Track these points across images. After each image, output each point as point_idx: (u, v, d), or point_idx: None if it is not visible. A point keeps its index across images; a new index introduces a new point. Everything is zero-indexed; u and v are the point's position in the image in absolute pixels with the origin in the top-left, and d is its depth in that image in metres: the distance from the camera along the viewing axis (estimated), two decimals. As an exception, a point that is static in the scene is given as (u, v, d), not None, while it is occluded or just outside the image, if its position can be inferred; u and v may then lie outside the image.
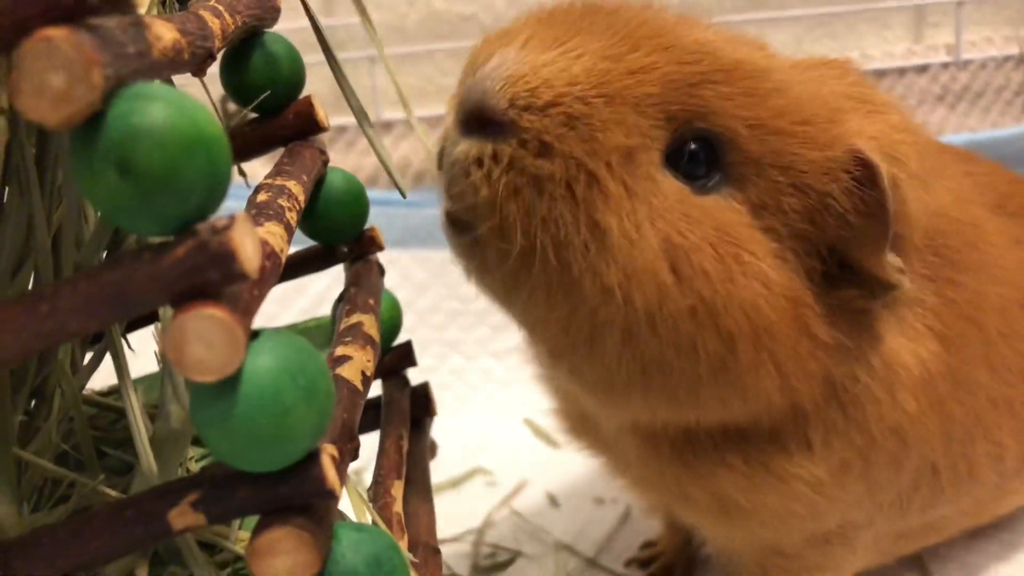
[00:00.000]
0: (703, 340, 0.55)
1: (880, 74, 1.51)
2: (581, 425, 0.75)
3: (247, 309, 0.37)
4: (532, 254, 0.53)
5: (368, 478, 0.63)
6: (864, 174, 0.56)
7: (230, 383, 0.37)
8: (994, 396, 0.71)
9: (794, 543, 0.70)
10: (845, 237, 0.57)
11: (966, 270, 0.67)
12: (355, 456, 0.48)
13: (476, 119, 0.53)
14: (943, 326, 0.65)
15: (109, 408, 0.68)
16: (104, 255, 0.58)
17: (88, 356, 0.62)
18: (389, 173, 0.58)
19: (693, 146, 0.55)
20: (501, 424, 1.15)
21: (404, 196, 0.62)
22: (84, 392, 0.67)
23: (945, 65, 1.51)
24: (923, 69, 1.51)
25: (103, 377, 0.70)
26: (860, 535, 0.72)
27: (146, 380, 0.77)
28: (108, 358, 0.59)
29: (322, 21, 0.68)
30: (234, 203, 0.42)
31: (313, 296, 1.30)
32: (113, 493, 0.52)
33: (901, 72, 1.50)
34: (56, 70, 0.32)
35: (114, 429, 0.68)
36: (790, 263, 0.57)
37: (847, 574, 0.77)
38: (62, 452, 0.59)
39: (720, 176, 0.56)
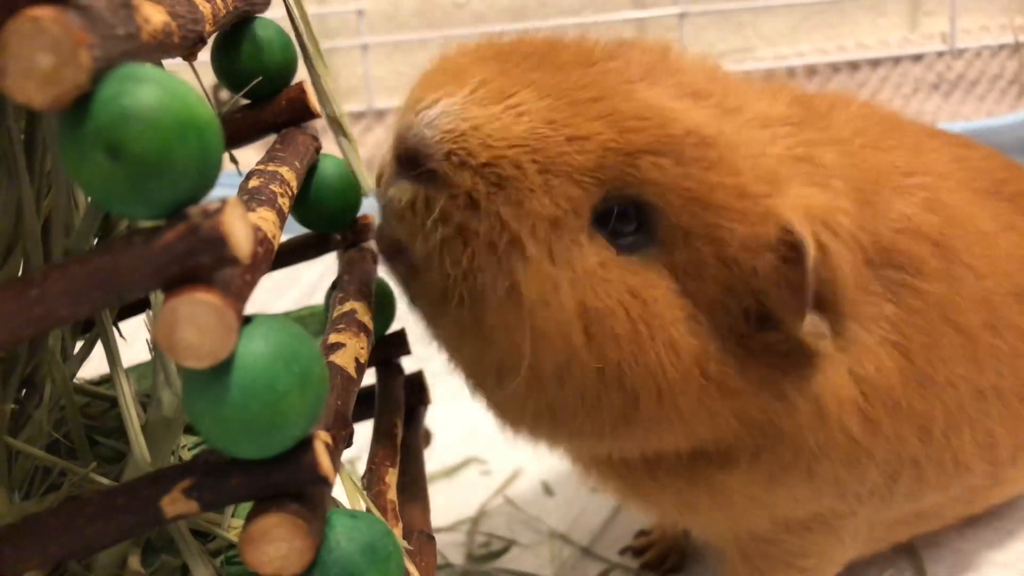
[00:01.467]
0: (608, 396, 0.57)
1: (875, 63, 1.50)
2: None
3: (239, 294, 0.37)
4: (451, 299, 0.55)
5: (362, 467, 0.63)
6: (789, 252, 0.57)
7: (222, 369, 0.36)
8: (981, 387, 0.71)
9: (770, 529, 0.72)
10: (764, 304, 0.59)
11: (931, 276, 0.68)
12: (349, 443, 0.48)
13: (411, 162, 0.55)
14: (902, 336, 0.66)
15: (100, 397, 0.67)
16: (95, 242, 0.57)
17: (79, 345, 0.62)
18: (353, 170, 0.58)
19: (622, 207, 0.57)
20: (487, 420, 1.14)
21: (365, 195, 0.62)
22: (75, 381, 0.66)
23: (940, 54, 1.51)
24: (918, 58, 1.51)
25: (94, 366, 0.70)
26: (845, 524, 0.73)
27: (138, 369, 0.76)
28: (99, 347, 0.59)
29: (313, 10, 0.68)
30: (225, 192, 0.42)
31: (306, 285, 1.30)
32: (105, 481, 0.51)
33: (896, 60, 1.50)
34: (43, 50, 0.32)
35: (105, 418, 0.68)
36: (704, 325, 0.58)
37: (840, 561, 0.77)
38: (53, 441, 0.59)
39: (646, 238, 0.57)
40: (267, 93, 0.65)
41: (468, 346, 0.58)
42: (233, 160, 0.69)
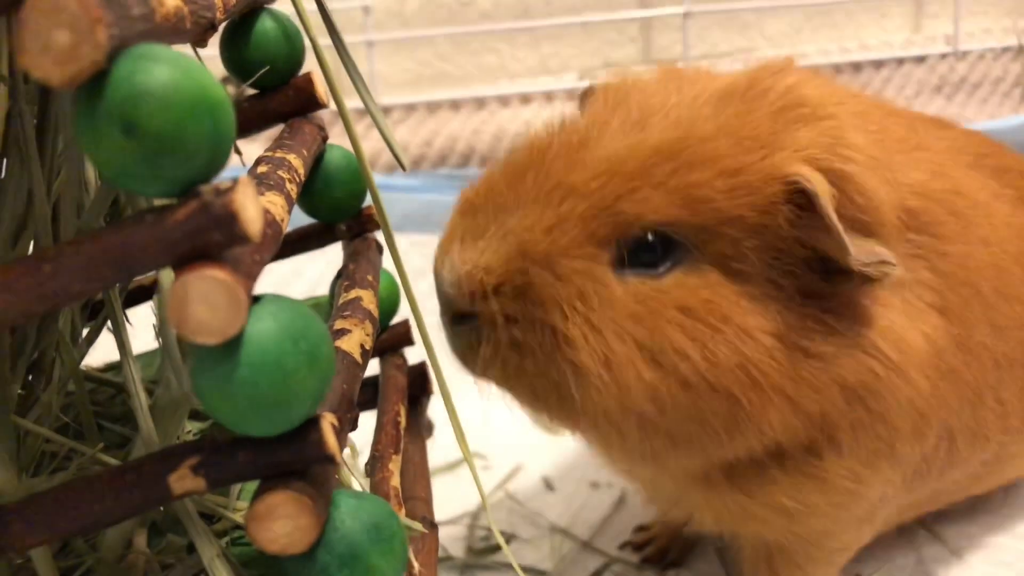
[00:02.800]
0: (706, 405, 0.59)
1: (878, 64, 1.51)
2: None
3: (249, 272, 0.37)
4: (543, 400, 0.61)
5: (365, 457, 0.63)
6: (806, 199, 0.58)
7: (232, 346, 0.37)
8: (997, 356, 0.72)
9: (839, 527, 0.73)
10: (815, 246, 0.60)
11: (952, 239, 0.69)
12: (354, 426, 0.49)
13: (455, 317, 0.61)
14: (941, 299, 0.67)
15: (107, 383, 0.68)
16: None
17: (85, 331, 0.62)
18: (391, 147, 0.59)
19: (638, 241, 0.59)
20: (497, 408, 1.15)
21: (405, 169, 0.63)
22: (82, 368, 0.67)
23: (943, 55, 1.51)
24: (921, 59, 1.51)
25: (100, 355, 0.70)
26: (883, 509, 0.74)
27: (144, 357, 0.77)
28: (105, 336, 0.59)
29: (318, 5, 0.68)
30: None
31: (311, 279, 1.30)
32: (112, 461, 0.52)
33: (899, 62, 1.50)
34: (61, 27, 0.32)
35: (112, 404, 0.68)
36: (771, 300, 0.60)
37: (858, 548, 0.78)
38: (61, 425, 0.60)
39: (677, 251, 0.60)
40: (275, 83, 0.66)
41: (578, 428, 0.63)
42: (237, 151, 0.69)
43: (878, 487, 0.69)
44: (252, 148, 1.10)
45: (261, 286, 0.40)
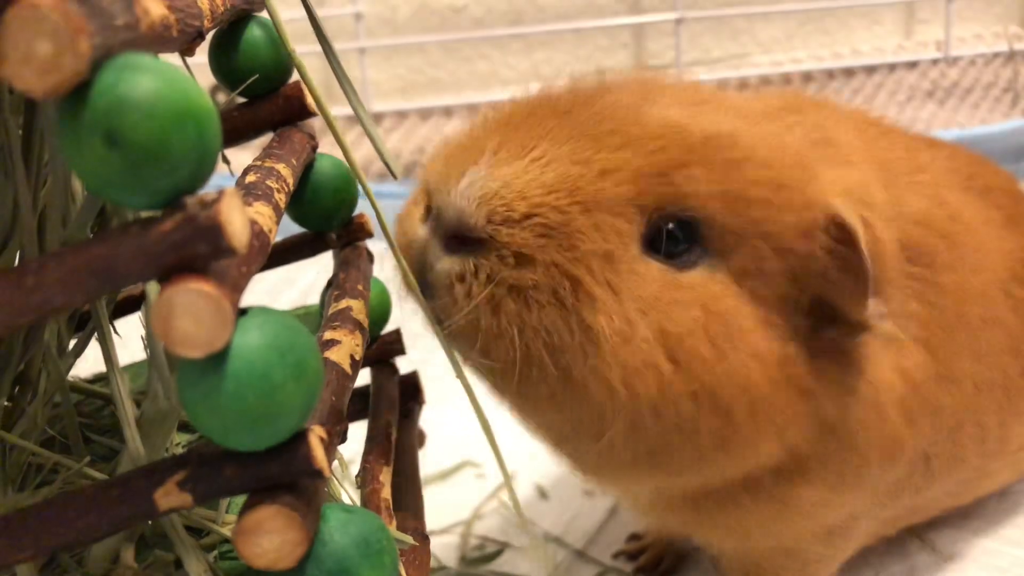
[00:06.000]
0: (704, 419, 0.56)
1: (870, 70, 1.51)
2: None
3: (235, 284, 0.37)
4: (530, 365, 0.54)
5: (356, 467, 0.63)
6: (842, 234, 0.57)
7: (218, 359, 0.36)
8: (979, 381, 0.72)
9: (806, 539, 0.73)
10: (827, 290, 0.58)
11: (946, 268, 0.68)
12: (344, 439, 0.48)
13: (455, 237, 0.54)
14: (928, 332, 0.67)
15: (94, 394, 0.67)
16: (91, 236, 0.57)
17: (72, 342, 0.62)
18: (381, 154, 0.58)
19: (671, 226, 0.56)
20: (490, 417, 1.14)
21: (396, 177, 0.62)
22: (69, 379, 0.66)
23: (935, 61, 1.52)
24: (913, 65, 1.51)
25: (87, 366, 0.69)
26: (859, 524, 0.74)
27: (132, 368, 0.76)
28: (92, 347, 0.59)
29: (307, 12, 0.67)
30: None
31: (302, 288, 1.30)
32: (98, 475, 0.51)
33: (891, 68, 1.51)
34: (43, 38, 0.32)
35: (99, 416, 0.68)
36: (778, 327, 0.58)
37: (841, 561, 0.78)
38: (47, 438, 0.59)
39: (701, 250, 0.57)
40: (264, 91, 0.65)
41: (557, 406, 0.57)
42: (225, 160, 0.68)
43: (845, 508, 0.69)
44: (243, 156, 1.10)
45: (252, 295, 0.39)
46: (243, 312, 0.38)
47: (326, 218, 0.69)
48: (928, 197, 0.70)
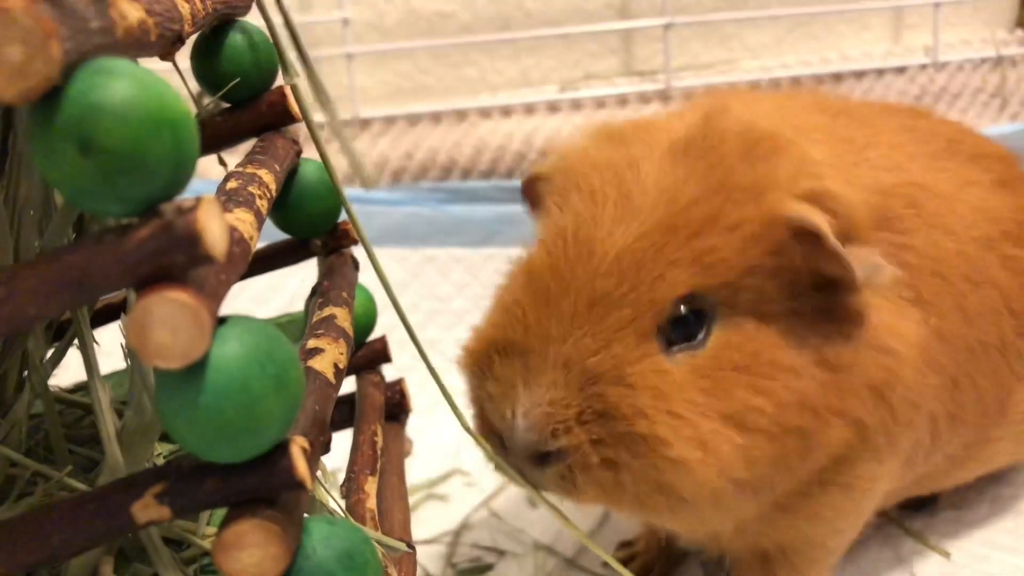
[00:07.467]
0: (787, 447, 0.61)
1: (859, 75, 1.51)
2: None
3: (214, 293, 0.36)
4: (645, 507, 0.62)
5: (341, 478, 0.62)
6: (808, 235, 0.60)
7: (196, 370, 0.36)
8: (970, 343, 0.74)
9: (851, 525, 0.76)
10: (821, 271, 0.62)
11: (914, 232, 0.71)
12: (327, 449, 0.47)
13: (539, 457, 0.61)
14: (914, 292, 0.69)
15: (75, 404, 0.66)
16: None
17: (50, 352, 0.61)
18: (353, 161, 0.57)
19: (683, 311, 0.61)
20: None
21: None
22: (49, 388, 0.65)
23: (923, 66, 1.52)
24: (901, 70, 1.51)
25: (69, 376, 0.68)
26: (872, 501, 0.75)
27: (113, 377, 0.75)
28: (72, 355, 0.58)
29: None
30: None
31: (288, 295, 1.28)
32: (79, 486, 0.50)
33: (879, 73, 1.51)
34: (13, 42, 0.31)
35: (80, 426, 0.66)
36: (797, 326, 0.62)
37: (840, 554, 0.79)
38: (27, 449, 0.58)
39: (709, 315, 0.61)
40: (248, 97, 0.64)
41: (676, 520, 0.65)
42: (222, 163, 0.67)
43: (887, 481, 0.72)
44: (229, 160, 1.09)
45: (237, 302, 0.38)
46: (222, 321, 0.37)
47: (310, 224, 0.68)
48: (881, 167, 0.72)
